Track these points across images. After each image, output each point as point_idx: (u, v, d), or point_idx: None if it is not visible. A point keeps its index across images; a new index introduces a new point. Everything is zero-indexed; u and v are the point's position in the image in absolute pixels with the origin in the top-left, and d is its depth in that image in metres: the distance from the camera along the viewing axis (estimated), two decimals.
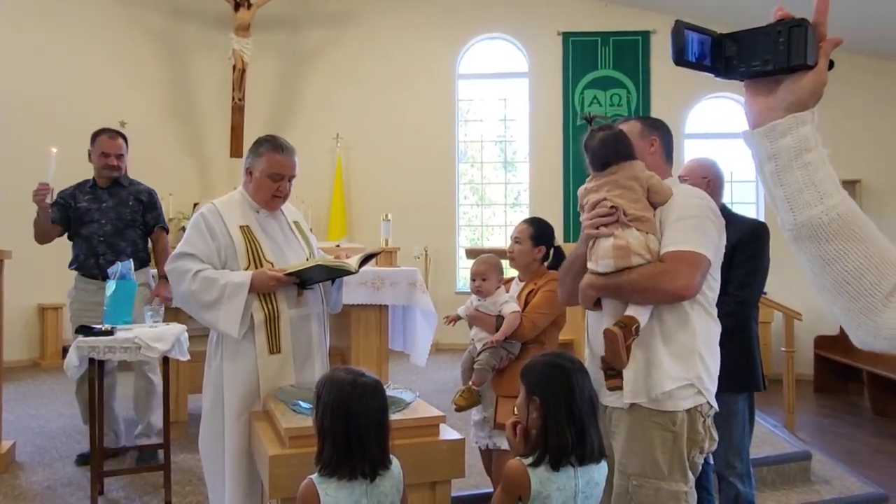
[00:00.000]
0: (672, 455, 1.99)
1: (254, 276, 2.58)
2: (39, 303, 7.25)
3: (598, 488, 1.93)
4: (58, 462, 3.92)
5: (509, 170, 9.14)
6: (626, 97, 8.38)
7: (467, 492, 3.40)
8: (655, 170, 2.19)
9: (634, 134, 2.24)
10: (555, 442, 1.87)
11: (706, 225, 2.02)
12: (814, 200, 0.95)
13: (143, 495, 3.41)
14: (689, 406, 1.99)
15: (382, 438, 1.84)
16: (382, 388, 1.91)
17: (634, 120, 2.31)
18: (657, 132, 2.25)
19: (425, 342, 4.87)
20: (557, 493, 1.85)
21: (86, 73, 7.68)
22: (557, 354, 2.04)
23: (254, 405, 2.63)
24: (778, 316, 6.68)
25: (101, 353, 3.02)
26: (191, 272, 2.57)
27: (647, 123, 2.28)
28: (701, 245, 1.98)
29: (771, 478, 3.97)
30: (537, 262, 2.91)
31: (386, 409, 1.88)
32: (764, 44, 0.99)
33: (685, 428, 1.99)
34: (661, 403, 1.98)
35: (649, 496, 2.00)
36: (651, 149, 2.22)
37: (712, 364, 2.06)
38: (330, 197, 8.48)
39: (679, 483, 1.99)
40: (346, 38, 8.69)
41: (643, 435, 2.01)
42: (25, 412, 5.07)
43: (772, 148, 0.99)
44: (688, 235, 1.98)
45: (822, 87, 0.98)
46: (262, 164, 2.70)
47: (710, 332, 2.08)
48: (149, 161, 8.06)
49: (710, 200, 2.11)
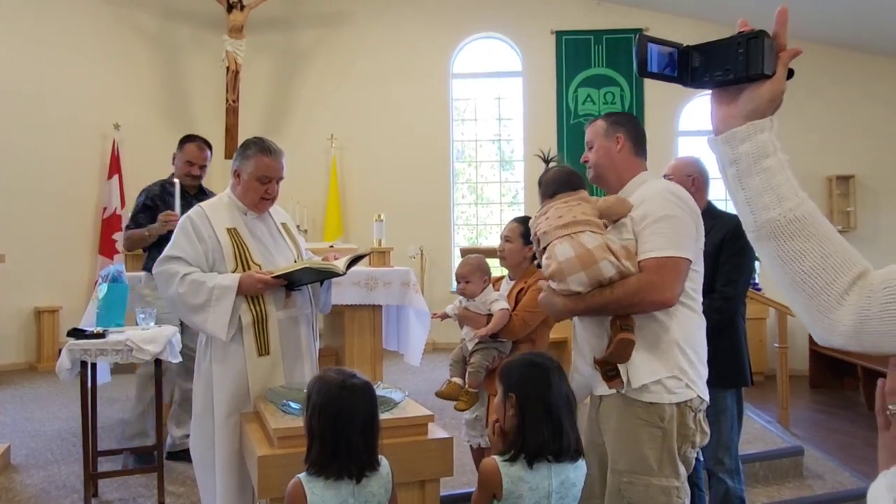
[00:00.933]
0: (661, 451, 2.00)
1: (241, 279, 2.59)
2: (36, 306, 7.25)
3: (575, 489, 1.93)
4: (53, 465, 3.93)
5: (506, 168, 9.15)
6: (619, 95, 8.39)
7: (460, 490, 3.41)
8: (625, 167, 2.20)
9: (599, 134, 2.24)
10: (531, 439, 1.89)
11: (680, 222, 2.02)
12: (772, 203, 1.00)
13: (136, 497, 3.42)
14: (678, 400, 2.00)
15: (370, 440, 1.86)
16: (372, 390, 1.92)
17: (600, 119, 2.30)
18: (622, 128, 2.23)
19: (419, 342, 4.88)
20: (529, 492, 1.87)
21: (79, 76, 7.68)
22: (535, 354, 2.05)
23: (244, 406, 2.65)
24: (772, 312, 6.69)
25: (93, 355, 3.03)
26: (178, 275, 2.59)
27: (610, 121, 2.26)
28: (680, 247, 1.99)
29: (763, 473, 3.99)
30: (528, 261, 2.92)
31: (375, 412, 1.89)
32: (725, 55, 1.04)
33: (674, 423, 2.00)
34: (648, 396, 2.00)
35: (639, 492, 2.01)
36: (617, 146, 2.21)
37: (694, 355, 2.06)
38: (325, 197, 8.48)
39: (670, 479, 2.01)
40: (340, 38, 8.70)
41: (632, 431, 2.02)
42: (21, 415, 5.08)
43: (732, 154, 1.04)
44: (666, 239, 1.99)
45: (780, 95, 1.03)
46: (249, 167, 2.71)
47: (691, 323, 2.08)
48: (143, 163, 8.06)
49: (681, 191, 2.11)
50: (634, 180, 2.20)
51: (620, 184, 2.22)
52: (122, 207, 7.74)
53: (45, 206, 7.32)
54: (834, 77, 8.19)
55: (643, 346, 2.01)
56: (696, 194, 3.06)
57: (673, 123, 8.37)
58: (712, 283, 2.89)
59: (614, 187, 2.24)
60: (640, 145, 2.25)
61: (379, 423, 1.90)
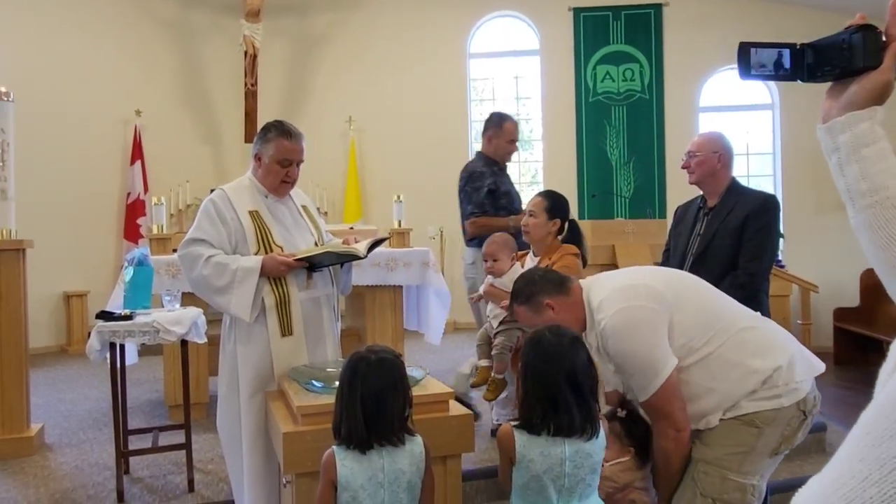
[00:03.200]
0: (749, 446, 1.96)
1: (264, 261, 2.63)
2: (64, 290, 7.41)
3: (591, 459, 1.94)
4: (85, 443, 4.04)
5: (525, 148, 9.11)
6: (638, 72, 8.29)
7: (481, 466, 3.45)
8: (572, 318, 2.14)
9: (533, 317, 2.20)
10: (526, 413, 1.94)
11: (637, 357, 1.98)
12: (869, 191, 1.02)
13: (166, 474, 3.52)
14: (781, 405, 1.96)
15: (394, 415, 1.90)
16: (398, 365, 1.95)
17: (518, 307, 2.25)
18: (540, 294, 2.18)
19: (439, 321, 4.92)
20: (541, 457, 1.89)
21: (101, 64, 7.77)
22: (552, 328, 2.05)
23: (268, 386, 2.70)
24: (795, 289, 6.64)
25: (121, 337, 3.11)
26: (202, 257, 2.63)
27: (524, 298, 2.22)
28: (658, 370, 1.95)
29: None
30: (552, 236, 2.89)
31: (399, 387, 1.92)
32: (834, 49, 1.09)
33: (775, 426, 1.96)
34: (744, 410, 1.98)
35: (714, 484, 1.97)
36: (553, 312, 2.16)
37: (771, 366, 1.98)
38: (344, 180, 8.52)
39: (748, 476, 1.97)
40: (356, 19, 8.68)
41: (727, 428, 1.99)
42: (54, 396, 5.22)
43: (833, 143, 1.07)
44: (642, 378, 1.98)
45: (884, 85, 1.03)
46: (270, 150, 2.74)
47: (718, 363, 2.01)
48: (165, 149, 8.19)
49: (623, 315, 2.01)
50: (586, 312, 2.14)
51: (583, 325, 2.15)
52: (144, 192, 7.86)
53: (71, 192, 7.46)
54: None
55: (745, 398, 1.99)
56: (722, 170, 3.04)
57: (694, 99, 8.26)
58: (736, 259, 2.88)
59: (583, 330, 2.16)
60: (560, 284, 2.20)
61: (404, 398, 1.93)
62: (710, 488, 1.98)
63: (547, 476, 1.89)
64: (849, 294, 7.26)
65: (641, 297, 2.02)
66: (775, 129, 8.39)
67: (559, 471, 1.89)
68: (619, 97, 8.32)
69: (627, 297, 2.04)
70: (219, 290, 2.62)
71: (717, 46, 8.19)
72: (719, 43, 8.20)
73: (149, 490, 3.34)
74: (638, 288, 2.05)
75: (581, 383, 1.93)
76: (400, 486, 1.89)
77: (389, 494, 1.88)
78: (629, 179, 8.30)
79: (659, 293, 2.03)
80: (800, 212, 7.79)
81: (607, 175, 8.33)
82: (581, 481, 1.91)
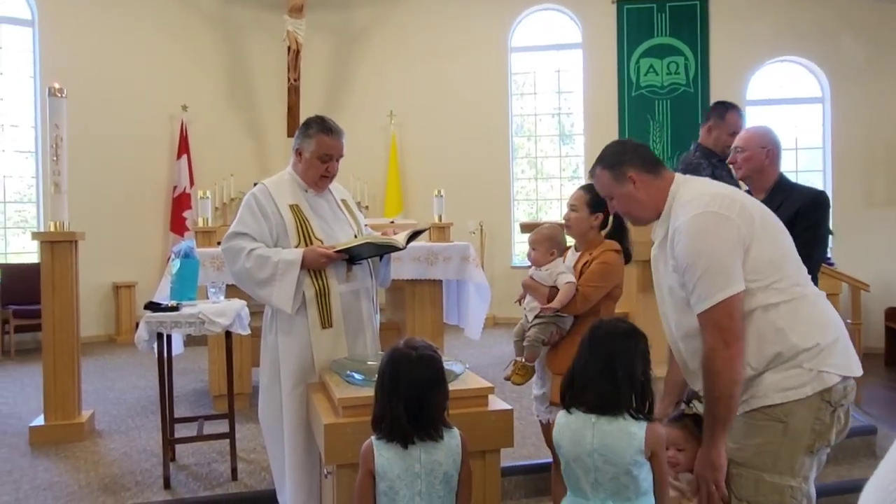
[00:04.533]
0: (780, 445, 1.86)
1: (305, 253, 2.66)
2: (114, 281, 7.63)
3: (623, 460, 1.90)
4: (133, 430, 4.16)
5: (566, 142, 9.04)
6: (683, 65, 8.13)
7: (522, 462, 3.45)
8: (654, 199, 2.04)
9: (610, 184, 2.11)
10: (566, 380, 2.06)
11: (706, 264, 1.87)
12: None
13: (211, 462, 3.60)
14: (805, 395, 1.85)
15: (431, 409, 1.91)
16: (435, 360, 1.97)
17: (598, 169, 2.14)
18: (626, 164, 2.07)
19: (479, 316, 4.92)
20: (570, 444, 1.95)
21: (148, 60, 7.96)
22: (615, 320, 2.09)
23: (309, 377, 2.74)
24: (845, 288, 6.44)
25: (168, 327, 3.18)
26: (245, 251, 2.68)
27: (610, 164, 2.10)
28: (713, 294, 1.85)
29: (833, 452, 3.81)
30: (594, 230, 2.83)
31: (437, 382, 1.94)
32: None
33: (800, 418, 1.86)
34: (768, 400, 1.89)
35: (749, 487, 1.89)
36: (633, 187, 2.06)
37: (810, 341, 1.87)
38: (385, 174, 8.57)
39: (784, 476, 1.86)
40: (397, 13, 8.70)
41: (752, 424, 1.90)
42: (103, 384, 5.38)
43: None
44: (700, 293, 1.88)
45: None
46: (311, 146, 2.77)
47: (794, 313, 1.90)
48: (209, 143, 8.36)
49: (695, 218, 1.91)
50: (668, 203, 2.03)
51: (658, 212, 2.06)
52: (190, 186, 8.04)
53: (120, 186, 7.68)
54: None
55: (772, 367, 1.89)
56: (770, 166, 2.96)
57: (741, 92, 8.07)
58: None
59: (654, 219, 2.09)
60: (653, 163, 2.09)
61: (443, 393, 1.95)
62: (744, 491, 1.89)
63: (577, 466, 1.91)
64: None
65: (734, 211, 1.91)
66: (825, 123, 8.15)
67: (588, 463, 1.89)
68: (663, 91, 8.18)
69: (720, 204, 1.92)
70: (261, 282, 2.67)
71: (765, 37, 7.99)
72: (768, 34, 7.99)
73: (194, 477, 3.42)
74: (734, 202, 1.94)
75: (629, 369, 1.92)
76: (436, 477, 1.91)
77: (426, 485, 1.90)
78: None
79: (750, 216, 1.93)
80: (850, 208, 7.55)
81: None
82: (614, 479, 1.88)
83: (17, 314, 6.63)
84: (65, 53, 7.41)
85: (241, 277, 2.74)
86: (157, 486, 3.30)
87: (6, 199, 7.59)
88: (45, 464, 3.62)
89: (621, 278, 2.81)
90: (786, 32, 7.99)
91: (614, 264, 2.79)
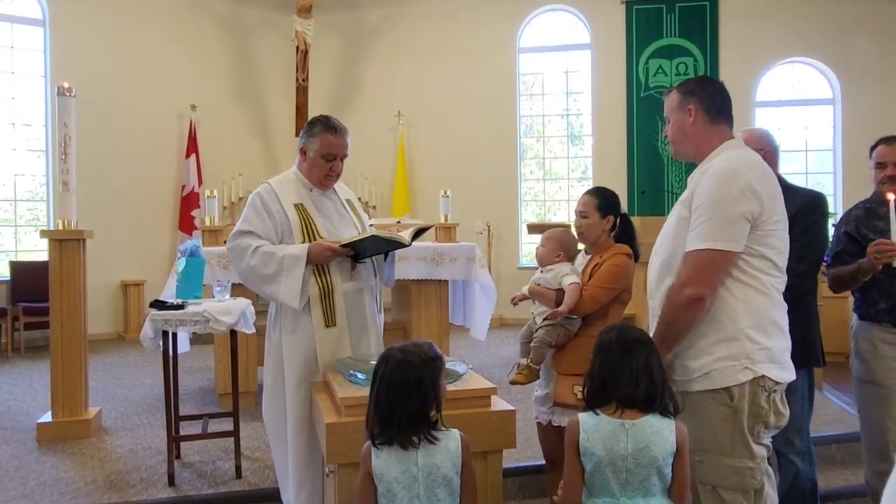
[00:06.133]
0: (733, 430, 1.97)
1: (310, 248, 2.67)
2: (122, 279, 7.67)
3: (655, 458, 1.91)
4: (140, 428, 4.18)
5: (575, 143, 9.02)
6: (692, 66, 8.10)
7: (524, 463, 3.44)
8: (701, 139, 2.14)
9: (673, 107, 2.20)
10: (589, 384, 2.02)
11: (720, 210, 1.97)
12: None
13: (215, 460, 3.61)
14: (745, 380, 1.97)
15: (399, 414, 1.88)
16: (414, 367, 1.91)
17: (674, 90, 2.23)
18: (693, 97, 2.16)
19: (485, 316, 4.91)
20: (603, 449, 1.89)
21: (158, 60, 8.01)
22: (627, 327, 2.08)
23: (313, 376, 2.74)
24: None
25: (174, 325, 3.20)
26: (251, 248, 2.69)
27: (683, 91, 2.19)
28: (715, 238, 1.96)
29: (840, 456, 3.84)
30: (606, 234, 2.82)
31: (408, 388, 1.89)
32: None
33: (745, 402, 1.97)
34: (713, 381, 1.98)
35: (711, 472, 1.99)
36: (690, 119, 2.15)
37: (769, 339, 2.01)
38: (393, 174, 8.58)
39: (743, 458, 1.98)
40: (406, 14, 8.71)
41: (703, 412, 2.01)
42: (111, 381, 5.41)
43: None
44: (701, 231, 1.99)
45: None
46: (315, 145, 2.78)
47: (759, 305, 2.03)
48: (218, 143, 8.40)
49: (740, 168, 2.01)
50: (714, 152, 2.13)
51: (700, 156, 2.16)
52: (199, 185, 8.07)
53: (129, 185, 7.73)
54: None
55: (713, 337, 2.00)
56: None
57: (750, 94, 8.03)
58: None
59: (695, 159, 2.19)
60: (718, 112, 2.16)
61: (418, 400, 1.89)
62: (707, 476, 1.99)
63: (609, 469, 1.88)
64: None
65: (761, 178, 2.02)
66: (836, 125, 8.10)
67: (621, 465, 1.87)
68: None
69: (752, 166, 2.04)
70: (267, 278, 2.67)
71: (776, 38, 7.95)
72: (779, 35, 7.95)
73: (198, 475, 3.43)
74: (766, 174, 2.06)
75: (662, 370, 1.95)
76: (435, 480, 1.89)
77: (425, 488, 1.88)
78: (681, 176, 8.14)
79: (773, 208, 2.03)
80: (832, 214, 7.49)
81: (658, 171, 8.18)
82: (645, 479, 1.87)
83: (26, 311, 6.68)
84: (75, 53, 7.46)
85: (247, 275, 2.75)
86: (161, 483, 3.31)
87: (18, 198, 7.65)
88: (52, 460, 3.64)
89: (631, 282, 2.80)
90: (796, 33, 7.94)
91: (624, 267, 2.77)
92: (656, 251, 2.22)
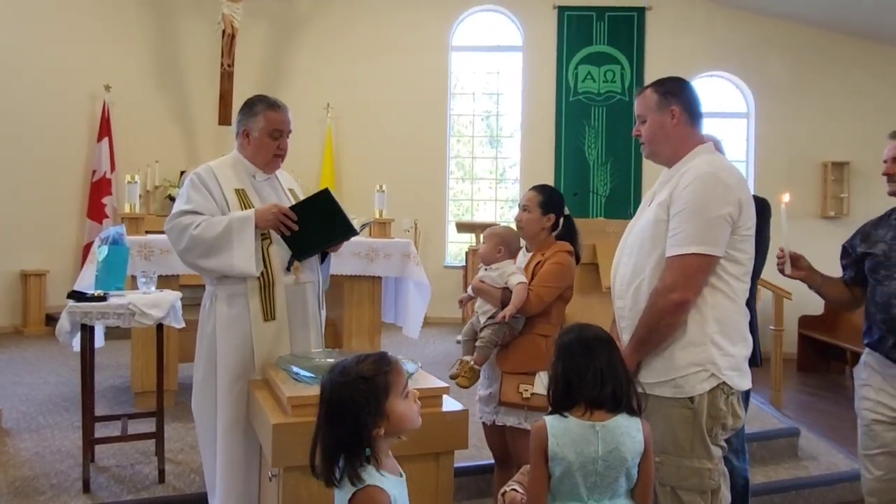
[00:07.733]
0: (693, 432, 2.00)
1: (258, 210, 2.53)
2: (21, 269, 7.10)
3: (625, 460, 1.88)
4: (46, 429, 3.86)
5: (496, 145, 9.08)
6: (619, 73, 8.31)
7: (475, 462, 3.39)
8: (680, 141, 2.14)
9: (651, 107, 2.17)
10: (554, 390, 1.94)
11: (702, 215, 1.98)
12: None
13: (134, 464, 3.37)
14: (709, 388, 2.00)
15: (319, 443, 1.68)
16: (334, 390, 1.69)
17: (650, 89, 2.21)
18: (675, 98, 2.15)
19: (418, 314, 4.84)
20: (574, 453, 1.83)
21: (69, 35, 7.46)
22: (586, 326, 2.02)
23: (248, 373, 2.59)
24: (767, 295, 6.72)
25: (94, 318, 2.95)
26: (193, 223, 2.51)
27: (662, 91, 2.17)
28: (697, 242, 1.97)
29: (760, 453, 4.01)
30: (546, 232, 2.83)
31: (326, 416, 1.68)
32: None
33: (704, 405, 2.00)
34: (680, 390, 2.01)
35: (671, 473, 2.01)
36: (672, 121, 2.14)
37: (732, 346, 2.04)
38: (320, 167, 8.37)
39: (702, 460, 2.01)
40: (338, 5, 8.52)
41: (663, 414, 2.02)
42: (10, 379, 4.99)
43: None
44: (683, 236, 1.99)
45: None
46: (260, 123, 2.65)
47: (727, 312, 2.05)
48: (134, 127, 7.92)
49: (719, 174, 2.03)
50: (689, 155, 2.13)
51: (675, 158, 2.16)
52: (111, 171, 7.60)
53: (33, 168, 7.15)
54: (830, 64, 8.18)
55: (680, 341, 2.02)
56: None
57: None
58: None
59: (668, 161, 2.18)
60: (697, 115, 2.17)
61: (333, 436, 1.65)
62: (668, 478, 2.01)
63: (579, 473, 1.81)
64: (814, 302, 7.38)
65: (739, 183, 2.04)
66: (749, 138, 8.51)
67: (591, 469, 1.81)
68: (600, 98, 8.34)
69: (731, 171, 2.07)
70: (215, 247, 2.48)
71: (697, 52, 8.27)
72: (700, 49, 8.28)
73: (116, 480, 3.19)
74: (742, 179, 2.09)
75: (625, 368, 1.92)
76: None
77: None
78: (605, 180, 8.33)
79: (747, 201, 2.04)
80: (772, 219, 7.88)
81: (584, 174, 8.35)
82: (614, 481, 1.82)
83: None
84: None
85: (190, 248, 2.52)
86: (75, 490, 3.05)
87: None
88: None
89: (573, 279, 2.81)
90: (716, 49, 8.30)
91: (567, 265, 2.78)
92: (626, 252, 2.21)
